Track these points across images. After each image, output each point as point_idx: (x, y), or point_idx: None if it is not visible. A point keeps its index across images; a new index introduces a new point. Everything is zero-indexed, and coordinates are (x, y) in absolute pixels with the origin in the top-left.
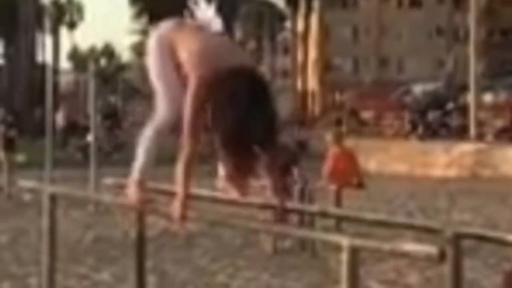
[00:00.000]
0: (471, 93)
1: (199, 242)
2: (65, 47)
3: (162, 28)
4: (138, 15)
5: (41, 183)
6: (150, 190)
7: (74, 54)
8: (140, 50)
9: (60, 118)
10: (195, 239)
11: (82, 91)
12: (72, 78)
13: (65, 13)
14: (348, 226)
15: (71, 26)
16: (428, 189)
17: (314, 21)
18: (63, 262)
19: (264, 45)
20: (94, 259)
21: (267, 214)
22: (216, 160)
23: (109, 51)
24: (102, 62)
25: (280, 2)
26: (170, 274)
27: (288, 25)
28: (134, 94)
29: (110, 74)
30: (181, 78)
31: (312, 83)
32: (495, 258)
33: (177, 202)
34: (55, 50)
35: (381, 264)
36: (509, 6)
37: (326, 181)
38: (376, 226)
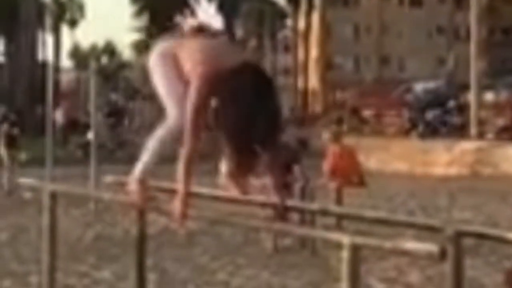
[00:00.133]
0: (472, 91)
1: (200, 240)
2: (66, 45)
3: (162, 44)
4: (139, 13)
5: (41, 181)
6: (151, 188)
7: (75, 52)
8: (141, 48)
9: (59, 116)
10: (196, 237)
11: (83, 89)
12: (73, 76)
13: (66, 11)
14: (348, 224)
15: (72, 24)
16: (428, 187)
17: (315, 19)
18: (64, 260)
19: (265, 43)
20: (94, 257)
21: (268, 212)
22: (217, 158)
23: (110, 49)
24: (103, 60)
25: (281, 0)
26: (171, 272)
27: (289, 23)
28: (135, 93)
29: (111, 72)
30: (184, 79)
31: (313, 82)
32: (496, 256)
33: (177, 200)
34: (56, 48)
35: (382, 262)
36: (510, 5)
37: (326, 179)
38: (377, 224)
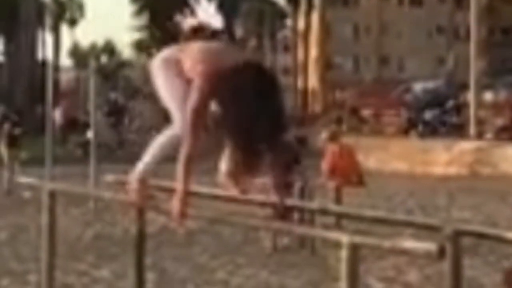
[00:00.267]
0: (472, 91)
1: (199, 239)
2: (65, 44)
3: (166, 51)
4: (139, 12)
5: (40, 180)
6: (151, 187)
7: (75, 51)
8: (141, 47)
9: (58, 115)
10: (195, 236)
11: (83, 88)
12: (72, 75)
13: (65, 10)
14: (348, 224)
15: (72, 23)
16: (428, 187)
17: (315, 19)
18: (63, 259)
19: (264, 43)
20: (93, 256)
21: (267, 211)
22: (216, 156)
23: (109, 48)
24: (103, 59)
25: (281, 0)
26: (170, 271)
27: (289, 23)
28: (135, 92)
29: (111, 71)
30: (187, 82)
31: (312, 81)
32: (495, 256)
33: (176, 199)
34: (56, 47)
35: (381, 261)
36: (509, 5)
37: (325, 178)
38: (376, 223)
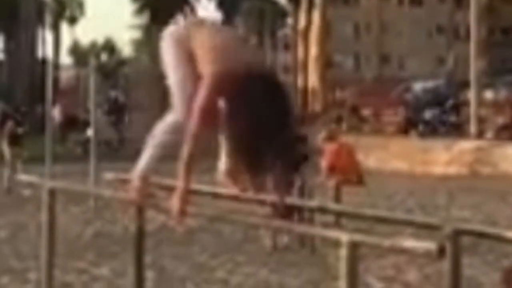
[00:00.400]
0: (472, 90)
1: (199, 238)
2: (66, 42)
3: (177, 30)
4: (139, 11)
5: (40, 178)
6: (152, 185)
7: (75, 49)
8: (141, 45)
9: (57, 113)
10: (195, 235)
11: (83, 86)
12: (73, 73)
13: (65, 8)
14: (347, 223)
15: (72, 21)
16: (428, 186)
17: (316, 17)
18: (63, 257)
19: (265, 41)
20: (93, 254)
21: (267, 209)
22: (216, 155)
23: (110, 46)
24: (103, 57)
25: None
26: (169, 269)
27: (289, 21)
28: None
29: (111, 69)
30: (196, 74)
31: (313, 80)
32: (494, 255)
33: (176, 197)
34: (56, 45)
35: (380, 260)
36: (510, 5)
37: (324, 176)
38: (375, 222)
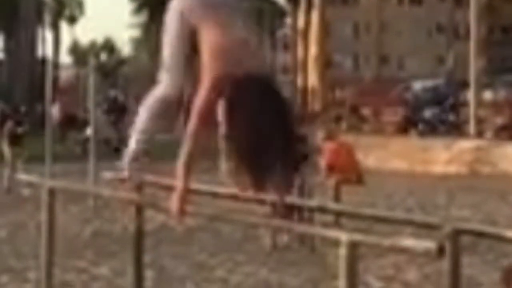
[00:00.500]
0: (471, 90)
1: (198, 237)
2: (65, 42)
3: (184, 5)
4: (138, 10)
5: (40, 178)
6: (151, 184)
7: (75, 49)
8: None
9: (55, 112)
10: (194, 234)
11: (82, 86)
12: (72, 73)
13: (65, 7)
14: (347, 222)
15: (72, 20)
16: (427, 185)
17: (315, 17)
18: (62, 256)
19: (264, 41)
20: (93, 254)
21: (267, 209)
22: (216, 155)
23: (109, 46)
24: (103, 56)
25: None
26: (169, 268)
27: (288, 21)
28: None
29: (111, 69)
30: (193, 51)
31: (312, 80)
32: (493, 254)
33: (175, 196)
34: (56, 44)
35: (380, 260)
36: (509, 3)
37: (324, 175)
38: (375, 221)
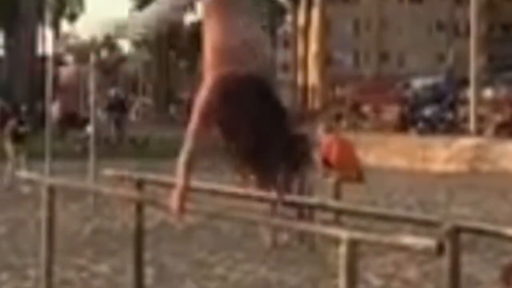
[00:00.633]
0: (471, 88)
1: (198, 235)
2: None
3: None
4: (138, 8)
5: (40, 175)
6: (151, 181)
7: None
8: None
9: (55, 110)
10: (194, 232)
11: (83, 83)
12: (72, 70)
13: (65, 5)
14: (347, 220)
15: (72, 18)
16: (427, 183)
17: (315, 15)
18: (62, 254)
19: (269, 40)
20: (92, 251)
21: (266, 206)
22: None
23: (110, 43)
24: (103, 54)
25: None
26: (168, 266)
27: (288, 18)
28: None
29: (111, 66)
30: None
31: (312, 77)
32: (493, 252)
33: (175, 194)
34: (56, 42)
35: (380, 257)
36: (509, 1)
37: (321, 170)
38: (375, 219)
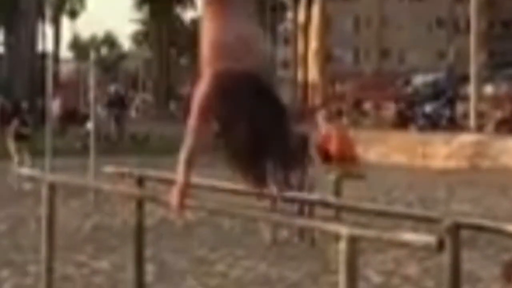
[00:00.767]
0: (472, 84)
1: (198, 231)
2: (66, 36)
3: None
4: (139, 4)
5: (40, 172)
6: (151, 178)
7: (75, 43)
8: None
9: (56, 107)
10: (194, 228)
11: (83, 80)
12: (73, 67)
13: (66, 2)
14: (348, 216)
15: (72, 15)
16: (427, 180)
17: (315, 12)
18: (62, 250)
19: (267, 36)
20: (93, 248)
21: (266, 203)
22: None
23: (110, 40)
24: (103, 51)
25: None
26: (169, 263)
27: (289, 15)
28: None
29: (111, 63)
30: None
31: (312, 74)
32: (493, 249)
33: (176, 190)
34: (56, 39)
35: (380, 254)
36: None
37: (318, 162)
38: (375, 216)
